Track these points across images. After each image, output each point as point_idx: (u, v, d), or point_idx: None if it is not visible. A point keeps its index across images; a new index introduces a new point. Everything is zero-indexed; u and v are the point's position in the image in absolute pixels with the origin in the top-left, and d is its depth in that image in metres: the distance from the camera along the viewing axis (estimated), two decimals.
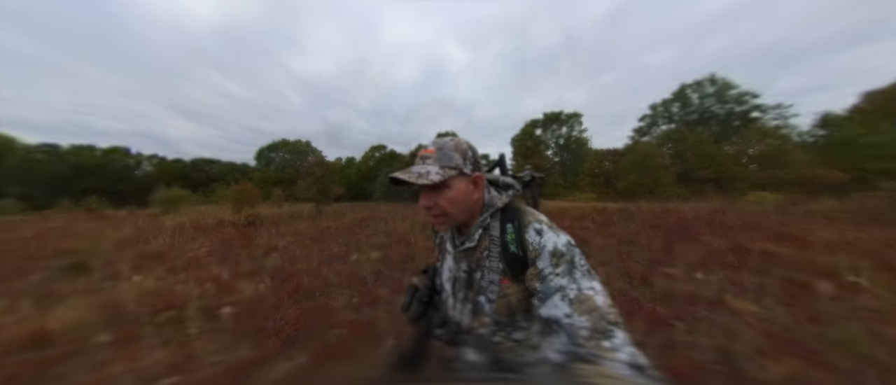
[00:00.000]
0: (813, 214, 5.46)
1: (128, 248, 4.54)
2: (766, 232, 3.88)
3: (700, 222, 4.81)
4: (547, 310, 0.46)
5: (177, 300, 2.32)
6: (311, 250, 4.25)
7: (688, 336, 1.55)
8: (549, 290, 0.47)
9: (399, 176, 0.51)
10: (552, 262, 0.48)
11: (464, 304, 0.61)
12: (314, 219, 8.57)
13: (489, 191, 0.60)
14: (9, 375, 1.47)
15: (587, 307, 0.42)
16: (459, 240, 0.61)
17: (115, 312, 2.13)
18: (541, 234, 0.52)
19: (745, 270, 2.50)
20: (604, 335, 0.39)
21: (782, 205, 7.35)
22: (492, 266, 0.55)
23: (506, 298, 0.55)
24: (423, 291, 0.69)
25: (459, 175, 0.53)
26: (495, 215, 0.57)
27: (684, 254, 3.10)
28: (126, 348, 1.70)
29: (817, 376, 1.22)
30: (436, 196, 0.52)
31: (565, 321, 0.42)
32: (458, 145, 0.54)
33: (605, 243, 3.72)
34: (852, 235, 3.58)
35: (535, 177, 0.74)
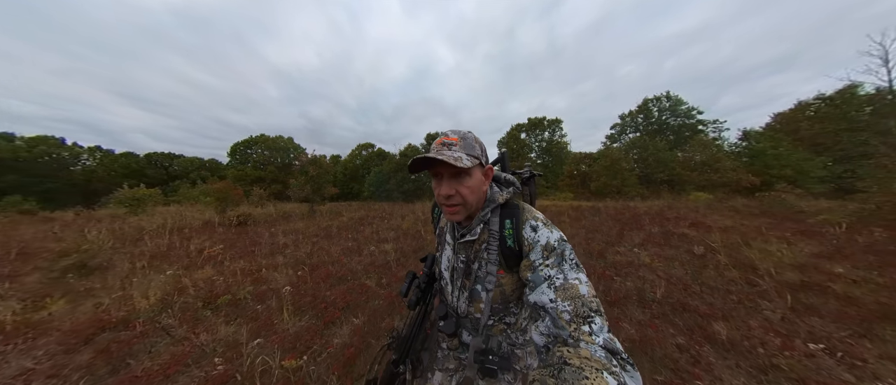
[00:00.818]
0: (727, 209, 7.24)
1: (124, 248, 4.51)
2: (688, 221, 5.36)
3: (648, 216, 6.29)
4: (535, 296, 0.50)
5: (220, 289, 2.64)
6: (322, 246, 4.56)
7: (621, 284, 2.66)
8: (538, 279, 0.51)
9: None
10: (544, 255, 0.53)
11: (461, 292, 0.64)
12: (309, 218, 8.54)
13: (491, 187, 0.63)
14: (104, 350, 1.77)
15: (571, 294, 0.46)
16: (460, 232, 0.64)
17: (165, 302, 2.38)
18: (536, 231, 0.56)
19: (666, 246, 3.79)
20: (585, 320, 0.42)
21: (711, 202, 9.33)
22: (490, 258, 0.58)
23: (500, 287, 0.59)
24: (421, 278, 0.73)
25: (479, 166, 0.57)
26: (495, 211, 0.61)
27: (630, 237, 4.38)
28: (196, 326, 2.03)
29: (684, 297, 2.40)
30: (457, 184, 0.55)
31: (550, 306, 0.46)
32: (475, 138, 0.58)
33: (575, 232, 4.92)
34: (741, 222, 5.14)
35: (533, 174, 0.78)
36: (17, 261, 3.85)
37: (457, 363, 0.71)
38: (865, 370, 1.39)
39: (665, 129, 20.44)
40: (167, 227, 6.09)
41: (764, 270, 2.62)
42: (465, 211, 0.57)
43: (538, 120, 26.39)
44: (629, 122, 22.45)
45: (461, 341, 0.69)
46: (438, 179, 0.57)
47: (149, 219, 8.07)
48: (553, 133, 26.38)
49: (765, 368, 1.42)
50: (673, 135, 19.74)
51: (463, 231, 0.63)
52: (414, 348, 0.67)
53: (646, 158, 16.44)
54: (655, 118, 20.98)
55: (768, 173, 12.83)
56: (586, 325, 0.42)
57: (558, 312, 0.44)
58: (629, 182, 15.58)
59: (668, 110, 20.28)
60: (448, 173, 0.55)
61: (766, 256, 3.02)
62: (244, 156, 41.77)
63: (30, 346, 1.87)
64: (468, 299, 0.64)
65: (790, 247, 3.32)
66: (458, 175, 0.54)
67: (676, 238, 4.16)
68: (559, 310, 0.44)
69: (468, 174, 0.55)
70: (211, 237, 5.52)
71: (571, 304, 0.44)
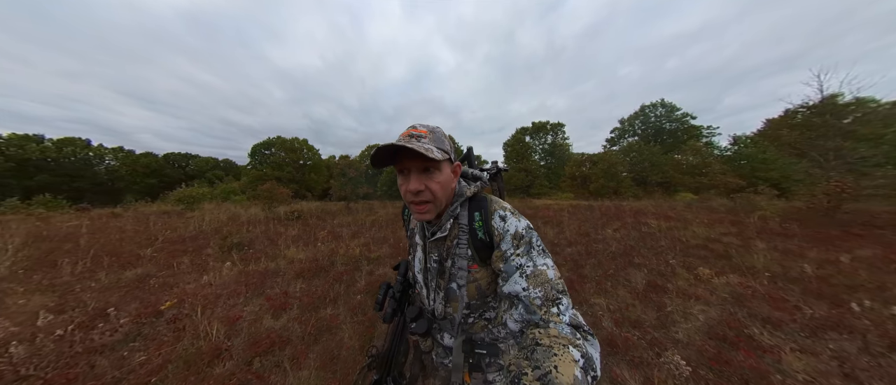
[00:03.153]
0: (702, 208, 8.67)
1: (240, 234, 5.61)
2: (662, 216, 6.86)
3: (631, 212, 7.78)
4: (509, 286, 0.52)
5: (354, 254, 3.94)
6: (385, 232, 5.66)
7: (595, 247, 4.18)
8: (510, 269, 0.52)
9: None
10: (513, 243, 0.54)
11: (437, 293, 0.64)
12: (349, 214, 9.50)
13: (459, 182, 0.64)
14: (336, 278, 3.35)
15: (541, 280, 0.49)
16: (430, 230, 0.64)
17: (333, 259, 3.81)
18: (505, 220, 0.57)
19: (630, 229, 5.31)
20: (553, 303, 0.47)
21: (692, 202, 10.74)
22: (461, 253, 0.59)
23: (476, 282, 0.60)
24: (396, 287, 0.71)
25: (448, 161, 0.56)
26: (464, 205, 0.62)
27: (610, 224, 5.91)
28: (362, 268, 3.36)
29: (626, 251, 3.96)
30: (427, 179, 0.54)
31: (523, 294, 0.49)
32: (444, 133, 0.58)
33: (572, 222, 6.46)
34: (696, 216, 6.62)
35: (499, 169, 0.80)
36: (175, 244, 5.51)
37: (445, 372, 0.69)
38: (700, 275, 2.90)
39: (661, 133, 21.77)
40: (242, 220, 7.42)
41: (682, 240, 4.15)
42: (435, 209, 0.57)
43: (541, 124, 27.81)
44: (628, 126, 23.79)
45: (441, 344, 0.68)
46: (405, 175, 0.55)
47: (211, 214, 8.88)
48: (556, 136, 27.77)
49: (656, 273, 2.95)
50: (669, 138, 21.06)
51: (433, 229, 0.62)
52: (396, 363, 0.65)
53: (640, 162, 17.84)
54: (652, 123, 22.32)
55: (755, 176, 14.14)
56: (555, 307, 0.46)
57: (531, 299, 0.48)
58: (625, 184, 17.04)
59: (664, 116, 21.62)
60: (416, 167, 0.53)
61: (690, 235, 4.55)
62: (263, 157, 43.83)
63: (270, 282, 3.48)
64: (444, 299, 0.63)
65: (709, 228, 4.83)
66: (428, 169, 0.53)
67: (641, 225, 5.67)
68: (531, 296, 0.48)
69: (438, 169, 0.54)
70: (292, 227, 6.71)
71: (542, 290, 0.48)
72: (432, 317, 0.66)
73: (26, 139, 27.11)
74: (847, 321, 1.89)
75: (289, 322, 2.19)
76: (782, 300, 2.24)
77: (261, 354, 1.76)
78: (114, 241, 5.11)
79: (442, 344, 0.68)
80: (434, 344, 0.68)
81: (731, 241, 4.14)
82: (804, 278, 2.66)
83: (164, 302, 2.60)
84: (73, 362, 1.70)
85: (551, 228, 5.66)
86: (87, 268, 3.73)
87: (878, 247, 3.53)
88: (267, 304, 2.51)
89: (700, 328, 1.92)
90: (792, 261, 3.13)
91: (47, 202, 13.51)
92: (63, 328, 2.10)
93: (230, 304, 2.55)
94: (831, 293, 2.28)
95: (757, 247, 3.68)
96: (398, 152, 0.53)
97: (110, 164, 35.36)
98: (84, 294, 2.82)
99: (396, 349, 0.66)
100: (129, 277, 3.44)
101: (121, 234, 5.78)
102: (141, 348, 1.87)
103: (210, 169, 49.92)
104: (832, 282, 2.55)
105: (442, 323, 0.65)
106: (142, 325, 2.20)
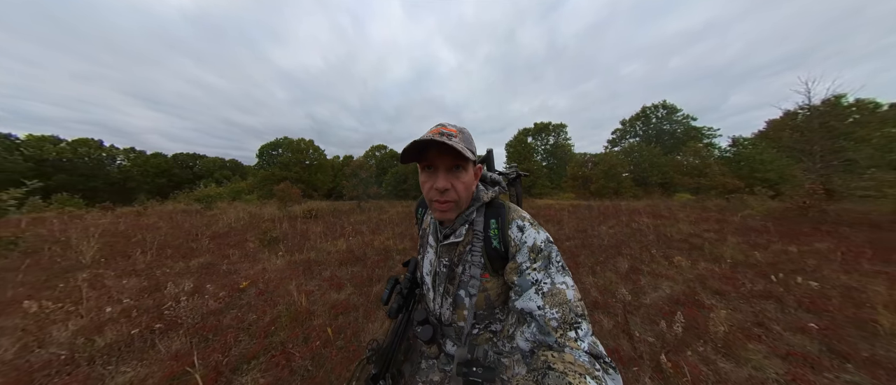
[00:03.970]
0: (697, 207, 9.18)
1: (282, 229, 6.42)
2: (655, 214, 7.43)
3: (627, 211, 8.35)
4: (522, 302, 0.49)
5: (382, 246, 4.88)
6: (401, 229, 6.27)
7: (591, 242, 4.79)
8: (525, 284, 0.50)
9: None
10: (531, 257, 0.52)
11: (444, 298, 0.62)
12: (361, 213, 9.96)
13: (477, 186, 0.61)
14: (373, 264, 4.07)
15: (558, 300, 0.46)
16: (443, 233, 0.62)
17: (367, 250, 4.77)
18: (522, 231, 0.54)
19: (624, 226, 5.91)
20: (571, 326, 0.43)
21: (688, 202, 11.24)
22: (474, 261, 0.56)
23: (485, 292, 0.57)
24: (403, 284, 0.70)
25: (472, 162, 0.54)
26: (480, 210, 0.60)
27: (607, 223, 6.52)
28: (391, 258, 4.44)
29: (617, 243, 4.58)
30: (454, 178, 0.52)
31: (538, 313, 0.46)
32: (470, 134, 0.57)
33: (572, 221, 7.08)
34: (695, 216, 7.18)
35: (520, 174, 0.77)
36: (215, 239, 6.25)
37: (441, 375, 0.67)
38: (675, 262, 3.50)
39: (662, 134, 22.15)
40: (265, 218, 8.09)
41: (667, 235, 4.74)
42: (457, 209, 0.55)
43: (544, 125, 28.30)
44: (629, 127, 24.20)
45: (443, 351, 0.66)
46: (431, 171, 0.53)
47: (234, 213, 9.45)
48: (558, 136, 28.23)
49: (639, 261, 3.56)
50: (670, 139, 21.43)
51: (446, 232, 0.61)
52: (395, 360, 0.64)
53: (641, 163, 18.28)
54: (653, 124, 22.71)
55: (753, 177, 14.52)
56: (572, 331, 0.43)
57: (546, 320, 0.45)
58: (625, 184, 17.51)
59: (665, 118, 22.00)
60: (445, 165, 0.52)
61: (676, 231, 5.14)
62: (270, 157, 44.60)
63: (316, 269, 4.17)
64: (451, 306, 0.61)
65: (694, 226, 5.43)
66: (456, 168, 0.52)
67: (633, 223, 6.26)
68: (547, 317, 0.45)
69: (465, 169, 0.53)
70: (315, 224, 7.25)
71: (559, 311, 0.45)
72: (438, 322, 0.64)
73: (43, 140, 28.05)
74: (775, 292, 2.50)
75: (349, 295, 2.85)
76: (734, 278, 2.85)
77: (340, 314, 2.42)
78: (162, 236, 5.78)
79: (444, 350, 0.66)
80: (438, 350, 0.65)
81: (710, 236, 4.73)
82: (757, 264, 3.26)
83: (240, 282, 3.28)
84: (204, 318, 2.39)
85: (552, 226, 6.29)
86: (155, 257, 4.40)
87: (834, 241, 4.10)
88: (324, 283, 3.19)
89: (664, 296, 2.53)
90: (755, 251, 3.72)
91: (65, 201, 13.77)
92: (173, 301, 2.79)
93: (293, 284, 3.23)
94: (772, 273, 2.88)
95: (730, 241, 4.27)
96: (426, 148, 0.52)
97: (122, 165, 36.29)
98: (166, 277, 3.45)
99: (397, 346, 0.65)
100: (195, 265, 4.14)
101: (162, 230, 6.32)
102: (248, 311, 2.56)
103: (217, 169, 50.70)
104: (778, 266, 3.14)
105: (447, 330, 0.64)
106: (235, 298, 2.88)
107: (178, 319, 2.28)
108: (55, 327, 2.20)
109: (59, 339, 2.06)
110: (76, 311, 2.45)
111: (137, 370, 1.72)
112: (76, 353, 1.86)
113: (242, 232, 6.24)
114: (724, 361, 1.62)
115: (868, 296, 2.33)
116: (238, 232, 6.27)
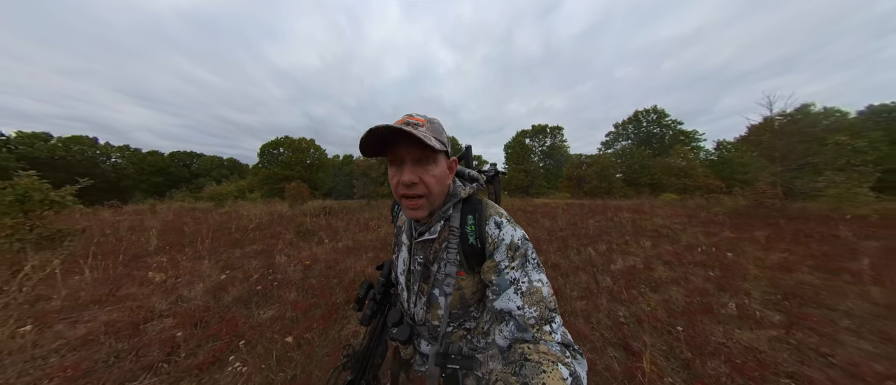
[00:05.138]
0: (679, 206, 10.27)
1: (307, 222, 7.87)
2: (637, 211, 8.49)
3: (614, 208, 9.42)
4: (501, 302, 0.49)
5: None
6: None
7: (579, 232, 5.79)
8: (503, 284, 0.50)
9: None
10: (508, 255, 0.52)
11: (418, 298, 0.61)
12: (372, 210, 10.45)
13: (454, 181, 0.60)
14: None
15: (536, 298, 0.48)
16: (418, 230, 0.61)
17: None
18: (500, 227, 0.54)
19: (608, 221, 6.95)
20: (547, 321, 0.46)
21: (672, 201, 12.35)
22: (450, 258, 0.56)
23: (460, 291, 0.57)
24: (377, 288, 0.69)
25: (445, 154, 0.53)
26: (457, 206, 0.59)
27: (595, 218, 7.56)
28: None
29: (599, 234, 5.62)
30: (422, 171, 0.51)
31: (517, 313, 0.47)
32: (441, 125, 0.55)
33: (564, 217, 8.11)
34: (671, 212, 8.26)
35: (498, 172, 0.77)
36: (251, 232, 7.12)
37: (418, 376, 0.67)
38: (644, 244, 4.51)
39: (652, 138, 23.45)
40: (285, 215, 8.96)
41: (642, 227, 5.79)
42: (428, 205, 0.53)
43: (541, 127, 29.42)
44: (622, 130, 25.47)
45: (418, 352, 0.66)
46: (397, 166, 0.52)
47: (252, 210, 10.00)
48: (555, 138, 29.37)
49: (614, 244, 4.57)
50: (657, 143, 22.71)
51: (422, 229, 0.60)
52: (372, 365, 0.64)
53: (631, 165, 19.49)
54: (645, 128, 24.01)
55: (733, 179, 15.76)
56: (547, 325, 0.45)
57: (525, 318, 0.46)
58: (616, 184, 18.66)
59: (655, 122, 23.32)
60: (411, 157, 0.50)
61: (650, 224, 6.20)
62: (271, 156, 44.40)
63: (358, 253, 5.09)
64: (426, 305, 0.60)
65: (666, 220, 6.49)
66: (424, 160, 0.50)
67: (616, 218, 7.31)
68: (526, 316, 0.46)
69: (434, 161, 0.51)
70: (334, 221, 8.58)
71: (537, 310, 0.46)
72: (412, 322, 0.64)
73: (34, 137, 27.22)
74: (705, 262, 3.51)
75: None
76: (682, 254, 3.86)
77: None
78: (198, 230, 6.41)
79: (419, 351, 0.66)
80: (414, 351, 0.66)
81: (676, 227, 5.77)
82: (701, 245, 4.30)
83: (304, 261, 4.19)
84: (299, 280, 3.31)
85: (548, 220, 7.30)
86: (211, 246, 5.15)
87: (769, 230, 5.17)
88: (370, 261, 4.12)
89: (627, 265, 3.53)
90: (706, 237, 4.76)
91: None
92: (259, 272, 3.70)
93: (349, 261, 4.15)
94: (710, 251, 3.90)
95: (689, 231, 5.31)
96: (391, 141, 0.49)
97: (117, 163, 35.43)
98: (233, 260, 3.96)
99: (374, 351, 0.65)
100: (251, 251, 5.01)
101: (192, 226, 6.72)
102: (329, 277, 3.48)
103: (215, 167, 50.08)
104: (717, 246, 4.18)
105: (420, 329, 0.64)
106: (307, 271, 3.80)
107: (285, 281, 3.21)
108: (185, 289, 3.08)
109: (193, 296, 2.67)
110: (188, 281, 3.10)
111: (275, 310, 2.42)
112: (213, 304, 2.47)
113: (269, 226, 6.81)
114: (651, 293, 2.62)
115: (761, 260, 3.37)
116: (266, 226, 6.80)
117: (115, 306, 2.50)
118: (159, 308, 2.43)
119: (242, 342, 1.94)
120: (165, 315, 2.35)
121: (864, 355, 1.66)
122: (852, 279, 2.74)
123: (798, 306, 2.27)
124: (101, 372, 1.67)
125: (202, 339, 2.00)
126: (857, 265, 3.05)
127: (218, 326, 2.16)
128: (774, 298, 2.41)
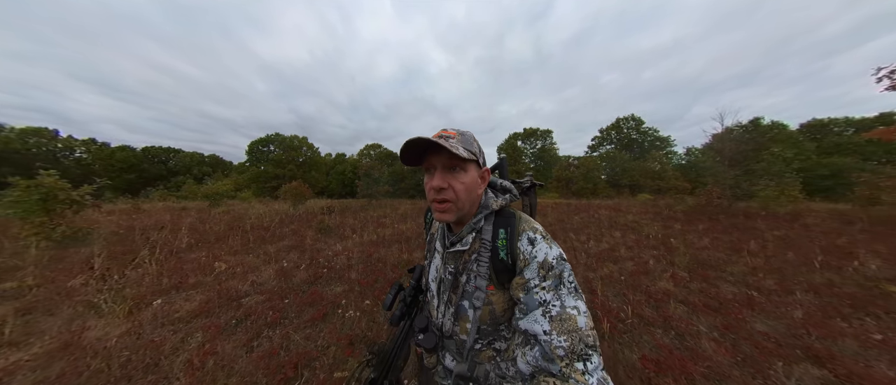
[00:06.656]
0: (650, 205, 11.81)
1: (325, 220, 8.77)
2: (614, 209, 9.88)
3: (595, 207, 10.81)
4: (527, 323, 0.47)
5: (415, 234, 6.92)
6: (419, 221, 8.70)
7: (565, 225, 6.99)
8: (531, 303, 0.47)
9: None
10: (540, 274, 0.49)
11: (447, 307, 0.60)
12: (375, 209, 10.87)
13: (486, 192, 0.60)
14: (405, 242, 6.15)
15: (567, 327, 0.43)
16: (450, 240, 0.61)
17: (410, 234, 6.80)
18: (533, 244, 0.52)
19: (590, 217, 8.24)
20: (580, 357, 0.41)
21: (646, 201, 14.00)
22: (480, 271, 0.55)
23: (490, 306, 0.55)
24: (407, 291, 0.70)
25: (475, 163, 0.54)
26: (489, 218, 0.58)
27: (579, 214, 8.85)
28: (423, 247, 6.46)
29: (581, 227, 6.86)
30: (451, 178, 0.52)
31: (543, 338, 0.43)
32: (474, 137, 0.57)
33: (552, 214, 9.36)
34: (642, 210, 9.69)
35: (534, 184, 0.76)
36: (267, 231, 7.80)
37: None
38: (615, 235, 5.72)
39: (631, 143, 25.62)
40: (295, 214, 9.68)
41: (616, 221, 7.09)
42: (455, 210, 0.54)
43: (532, 130, 31.03)
44: (606, 135, 27.54)
45: (442, 364, 0.65)
46: (430, 173, 0.55)
47: (241, 209, 10.02)
48: (545, 141, 31.07)
49: (591, 235, 5.76)
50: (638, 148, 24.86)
51: (453, 239, 0.60)
52: (395, 367, 0.63)
53: (614, 168, 21.36)
54: (625, 134, 26.16)
55: (700, 181, 17.79)
56: (581, 363, 0.41)
57: (552, 347, 0.42)
58: (600, 185, 20.41)
59: (633, 129, 25.53)
60: (441, 165, 0.53)
61: (623, 219, 7.53)
62: (261, 154, 42.20)
63: (385, 244, 5.99)
64: (454, 316, 0.60)
65: (637, 216, 7.88)
66: (453, 168, 0.53)
67: (599, 215, 8.62)
68: (553, 344, 0.42)
69: (463, 169, 0.53)
70: (344, 219, 9.55)
71: (568, 340, 0.42)
72: (439, 332, 0.63)
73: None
74: (656, 246, 4.76)
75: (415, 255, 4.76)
76: (641, 241, 5.10)
77: None
78: (215, 229, 6.49)
79: (443, 363, 0.65)
80: (437, 361, 0.65)
81: (643, 222, 7.10)
82: (657, 235, 5.59)
83: (339, 253, 5.06)
84: (346, 266, 4.21)
85: (539, 218, 8.45)
86: (241, 243, 5.59)
87: (710, 224, 6.59)
88: (398, 251, 5.05)
89: (600, 249, 4.71)
90: (663, 229, 6.08)
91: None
92: (305, 263, 4.55)
93: (379, 253, 5.05)
94: (660, 238, 5.16)
95: (652, 225, 6.64)
96: (425, 151, 0.53)
97: (82, 158, 32.89)
98: (271, 255, 4.40)
99: (398, 353, 0.64)
100: (282, 246, 5.75)
101: (207, 225, 6.84)
102: (373, 263, 4.39)
103: (195, 164, 46.73)
104: (668, 235, 5.48)
105: (447, 342, 0.63)
106: (350, 259, 4.68)
107: (334, 267, 4.11)
108: (253, 275, 3.85)
109: (265, 280, 3.17)
110: (242, 271, 3.62)
111: (343, 287, 3.02)
112: (286, 286, 3.00)
113: (280, 226, 7.05)
114: (612, 265, 3.79)
115: (692, 242, 4.63)
116: (276, 226, 6.96)
117: (194, 290, 2.78)
118: (242, 289, 2.85)
119: (341, 305, 2.78)
120: (251, 294, 2.76)
121: (728, 293, 2.85)
122: (745, 255, 4.03)
123: (702, 269, 3.50)
124: (231, 330, 2.05)
125: (301, 305, 2.50)
126: (752, 247, 4.37)
127: (309, 295, 2.69)
128: (691, 266, 3.62)
